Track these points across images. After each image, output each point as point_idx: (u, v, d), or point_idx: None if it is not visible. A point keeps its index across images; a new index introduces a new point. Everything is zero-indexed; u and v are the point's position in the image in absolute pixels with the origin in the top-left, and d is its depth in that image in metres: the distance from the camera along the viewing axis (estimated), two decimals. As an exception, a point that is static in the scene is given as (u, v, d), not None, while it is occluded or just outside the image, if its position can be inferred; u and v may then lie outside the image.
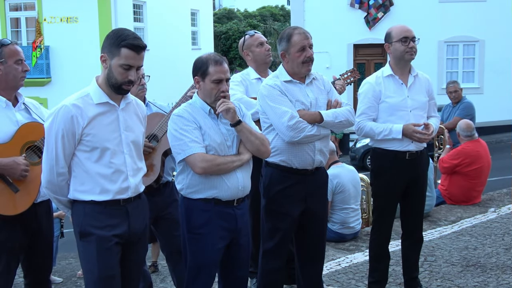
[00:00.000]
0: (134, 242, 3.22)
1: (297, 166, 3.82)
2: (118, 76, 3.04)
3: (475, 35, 18.77)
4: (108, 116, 3.11)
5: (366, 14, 18.96)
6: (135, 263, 3.30)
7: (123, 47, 3.01)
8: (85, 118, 3.03)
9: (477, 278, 4.93)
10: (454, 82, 8.81)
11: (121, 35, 3.04)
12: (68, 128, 3.01)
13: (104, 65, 3.08)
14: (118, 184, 3.11)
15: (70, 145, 3.04)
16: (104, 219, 3.08)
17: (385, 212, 4.39)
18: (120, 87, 3.08)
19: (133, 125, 3.22)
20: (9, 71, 3.50)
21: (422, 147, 4.33)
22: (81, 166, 3.08)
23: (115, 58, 3.03)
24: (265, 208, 3.92)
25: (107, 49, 3.06)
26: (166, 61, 21.16)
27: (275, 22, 36.12)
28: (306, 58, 3.77)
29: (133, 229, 3.18)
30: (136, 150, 3.23)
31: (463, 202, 7.61)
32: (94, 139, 3.05)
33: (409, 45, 4.18)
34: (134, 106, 3.27)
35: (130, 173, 3.15)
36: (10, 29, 20.00)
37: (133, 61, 3.04)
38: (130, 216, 3.16)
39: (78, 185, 3.10)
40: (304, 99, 3.81)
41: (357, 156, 15.22)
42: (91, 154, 3.06)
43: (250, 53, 4.63)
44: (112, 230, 3.09)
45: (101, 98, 3.10)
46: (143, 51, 3.09)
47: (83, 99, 3.08)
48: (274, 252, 3.91)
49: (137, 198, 3.23)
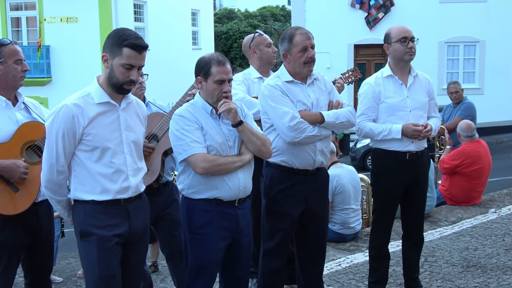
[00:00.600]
0: (134, 242, 3.22)
1: (298, 166, 3.81)
2: (119, 76, 3.05)
3: (476, 35, 18.78)
4: (109, 116, 3.11)
5: (367, 14, 18.96)
6: (135, 263, 3.30)
7: (124, 46, 3.01)
8: (86, 117, 3.03)
9: (477, 279, 4.92)
10: (455, 82, 8.80)
11: (123, 35, 3.04)
12: (69, 127, 3.01)
13: (106, 65, 3.08)
14: (119, 184, 3.10)
15: (71, 144, 3.04)
16: (104, 219, 3.08)
17: (385, 212, 4.39)
18: (121, 87, 3.08)
19: (134, 125, 3.22)
20: (9, 71, 3.49)
21: (423, 148, 4.33)
22: (81, 165, 3.08)
23: (116, 58, 3.03)
24: (266, 208, 3.91)
25: (108, 48, 3.06)
26: (166, 61, 21.15)
27: (276, 22, 36.10)
28: (307, 59, 3.76)
29: (133, 229, 3.18)
30: (137, 150, 3.23)
31: (464, 203, 7.60)
32: (94, 139, 3.05)
33: (408, 45, 4.18)
34: (135, 106, 3.27)
35: (131, 173, 3.15)
36: (11, 28, 20.00)
37: (134, 61, 3.04)
38: (131, 216, 3.16)
39: (78, 184, 3.10)
40: (306, 99, 3.80)
41: (357, 156, 15.21)
42: (92, 154, 3.06)
43: (258, 51, 4.64)
44: (113, 230, 3.09)
45: (102, 98, 3.10)
46: (144, 51, 3.09)
47: (84, 98, 3.08)
48: (275, 252, 3.90)
49: (138, 198, 3.23)
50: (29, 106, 3.65)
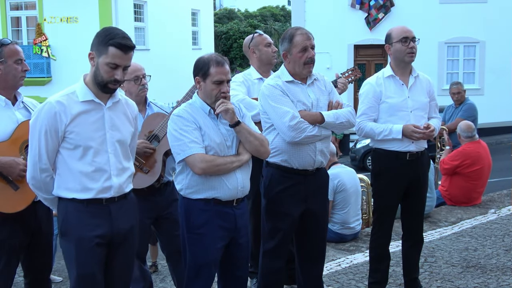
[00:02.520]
0: (119, 243, 3.20)
1: (298, 166, 3.81)
2: (104, 75, 3.04)
3: (476, 36, 18.78)
4: (92, 114, 3.10)
5: (367, 14, 18.96)
6: (122, 264, 3.26)
7: (110, 45, 3.00)
8: (69, 115, 3.03)
9: (477, 279, 4.92)
10: (457, 83, 8.78)
11: (110, 34, 3.03)
12: (51, 124, 3.01)
13: (92, 63, 3.08)
14: (100, 183, 3.09)
15: (54, 141, 3.04)
16: (85, 218, 3.07)
17: (385, 212, 4.39)
18: (106, 86, 3.07)
19: (120, 125, 3.20)
20: (9, 70, 3.51)
21: (423, 148, 4.33)
22: (64, 163, 3.08)
23: (102, 56, 3.02)
24: (266, 208, 3.91)
25: (95, 47, 3.05)
26: (166, 61, 21.15)
27: (276, 23, 36.11)
28: (307, 59, 3.76)
29: (116, 229, 3.15)
30: (123, 150, 3.20)
31: (464, 203, 7.60)
32: (77, 137, 3.04)
33: (409, 45, 4.18)
34: (123, 106, 3.25)
35: (114, 173, 3.13)
36: (11, 28, 19.99)
37: (120, 61, 3.03)
38: (113, 217, 3.14)
39: (61, 182, 3.10)
40: (306, 99, 3.80)
41: (357, 156, 15.20)
42: (74, 152, 3.06)
43: (257, 51, 4.64)
44: (94, 230, 3.07)
45: (86, 96, 3.09)
46: (131, 51, 3.07)
47: (68, 96, 3.08)
48: (275, 252, 3.90)
49: (123, 198, 3.21)
50: (28, 105, 3.66)
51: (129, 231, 3.25)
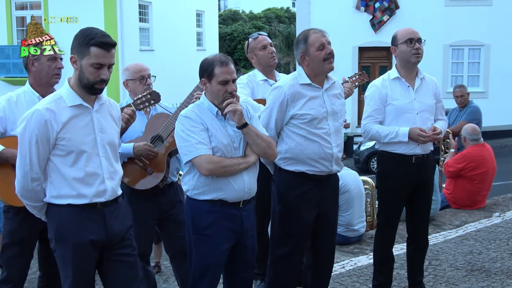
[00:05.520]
0: (116, 245, 3.17)
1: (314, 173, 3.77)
2: (89, 76, 2.99)
3: (481, 39, 18.76)
4: (82, 118, 3.06)
5: (372, 17, 18.97)
6: (126, 266, 3.22)
7: (92, 45, 2.96)
8: (59, 122, 2.98)
9: (481, 283, 4.90)
10: (461, 86, 8.78)
11: (89, 34, 2.99)
12: (42, 133, 2.95)
13: (75, 66, 3.03)
14: (95, 187, 3.06)
15: (45, 150, 2.98)
16: (80, 223, 3.04)
17: (390, 215, 4.37)
18: (93, 87, 3.02)
19: (108, 127, 3.16)
20: (42, 68, 3.69)
21: (429, 151, 4.31)
22: (56, 171, 3.02)
23: (85, 58, 2.98)
24: (280, 213, 3.82)
25: (76, 49, 3.01)
26: (171, 61, 21.17)
27: (280, 24, 36.13)
28: (327, 55, 3.72)
29: (110, 233, 3.13)
30: (112, 152, 3.18)
31: (468, 206, 7.58)
32: (69, 143, 3.00)
33: (414, 46, 4.16)
34: (108, 107, 3.22)
35: (107, 176, 3.11)
36: (16, 27, 20.05)
37: (103, 59, 2.99)
38: (107, 220, 3.11)
39: (53, 190, 3.05)
40: (316, 110, 3.72)
41: (361, 159, 15.18)
42: (66, 159, 3.01)
43: (254, 56, 4.62)
44: (89, 235, 3.05)
45: (74, 101, 3.04)
46: (112, 49, 3.03)
47: (56, 102, 3.02)
48: (286, 260, 3.82)
49: (114, 202, 3.18)
50: None
51: (125, 234, 3.22)
